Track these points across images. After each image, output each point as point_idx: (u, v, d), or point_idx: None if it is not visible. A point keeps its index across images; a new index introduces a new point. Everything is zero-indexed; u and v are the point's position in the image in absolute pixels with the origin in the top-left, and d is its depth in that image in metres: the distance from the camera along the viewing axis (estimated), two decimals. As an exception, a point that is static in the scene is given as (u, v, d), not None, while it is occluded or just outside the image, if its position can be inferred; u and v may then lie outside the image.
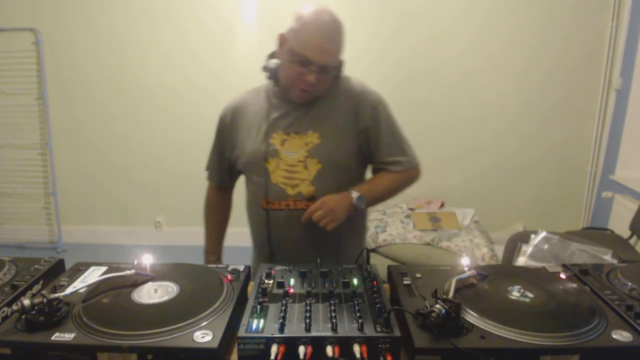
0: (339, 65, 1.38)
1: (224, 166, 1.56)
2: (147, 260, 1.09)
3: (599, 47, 3.26)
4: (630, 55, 3.10)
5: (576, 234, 2.40)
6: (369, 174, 1.54)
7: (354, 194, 1.35)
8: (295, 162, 1.38)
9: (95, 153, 3.65)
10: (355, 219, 1.47)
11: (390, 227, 3.02)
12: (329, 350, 0.82)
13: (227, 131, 1.50)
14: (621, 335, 0.86)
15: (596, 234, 2.74)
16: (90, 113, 3.57)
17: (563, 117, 3.42)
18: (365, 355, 0.81)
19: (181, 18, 3.34)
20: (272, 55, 1.41)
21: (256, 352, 0.83)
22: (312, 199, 1.37)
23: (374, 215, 3.23)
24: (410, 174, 1.49)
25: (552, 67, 3.31)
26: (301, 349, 0.82)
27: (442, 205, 3.39)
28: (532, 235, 1.84)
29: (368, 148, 1.43)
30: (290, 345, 0.83)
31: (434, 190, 3.56)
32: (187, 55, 3.40)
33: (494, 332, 0.87)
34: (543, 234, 1.82)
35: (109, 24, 3.38)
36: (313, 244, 1.40)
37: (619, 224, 2.85)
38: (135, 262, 1.09)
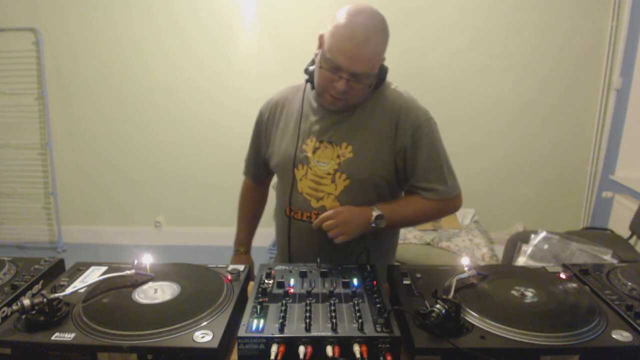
0: (375, 73, 1.24)
1: (260, 161, 1.52)
2: (147, 260, 1.09)
3: (599, 47, 3.26)
4: (630, 55, 3.09)
5: (576, 234, 2.40)
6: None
7: (375, 212, 1.24)
8: (324, 173, 1.30)
9: (95, 153, 3.65)
10: (384, 237, 1.39)
11: (390, 227, 3.01)
12: (329, 350, 0.82)
13: (264, 127, 1.44)
14: (621, 335, 0.86)
15: (596, 234, 2.74)
16: (90, 113, 3.57)
17: (563, 117, 3.42)
18: (365, 355, 0.81)
19: (181, 19, 3.34)
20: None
21: (256, 352, 0.83)
22: None
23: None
24: (447, 205, 1.34)
25: (552, 67, 3.31)
26: (301, 349, 0.82)
27: (442, 205, 3.38)
28: (532, 235, 1.84)
29: (404, 169, 1.31)
30: (290, 345, 0.83)
31: (434, 190, 3.56)
32: (187, 55, 3.40)
33: (494, 332, 0.87)
34: (543, 234, 1.82)
35: (109, 24, 3.37)
36: (335, 259, 1.21)
37: (619, 224, 2.85)
38: (135, 262, 1.09)
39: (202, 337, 0.85)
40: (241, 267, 1.15)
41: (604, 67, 3.26)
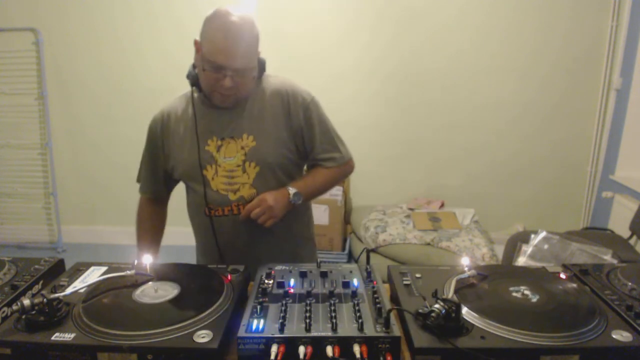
0: (255, 66, 1.34)
1: (159, 176, 1.52)
2: (147, 260, 1.09)
3: (599, 47, 3.26)
4: (630, 55, 3.10)
5: (576, 234, 2.40)
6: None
7: (291, 191, 1.37)
8: (233, 167, 1.37)
9: (95, 153, 3.64)
10: (302, 212, 1.52)
11: (390, 227, 3.02)
12: (329, 350, 0.82)
13: (159, 140, 1.46)
14: (621, 335, 0.86)
15: (596, 234, 2.74)
16: (90, 113, 3.57)
17: (563, 117, 3.42)
18: (365, 355, 0.81)
19: (181, 18, 3.34)
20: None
21: (256, 352, 0.83)
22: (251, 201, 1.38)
23: (374, 215, 3.23)
24: (344, 169, 1.52)
25: (552, 67, 3.31)
26: (301, 349, 0.82)
27: (442, 205, 3.39)
28: (532, 235, 1.84)
29: (303, 147, 1.45)
30: (290, 345, 0.83)
31: (434, 190, 3.56)
32: (187, 55, 3.37)
33: (494, 332, 0.87)
34: (543, 234, 1.82)
35: (109, 24, 3.38)
36: (262, 243, 1.42)
37: (619, 224, 2.85)
38: (135, 262, 1.09)
39: (202, 337, 0.85)
40: (241, 267, 1.15)
41: (604, 67, 3.26)
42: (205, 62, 1.27)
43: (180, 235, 1.65)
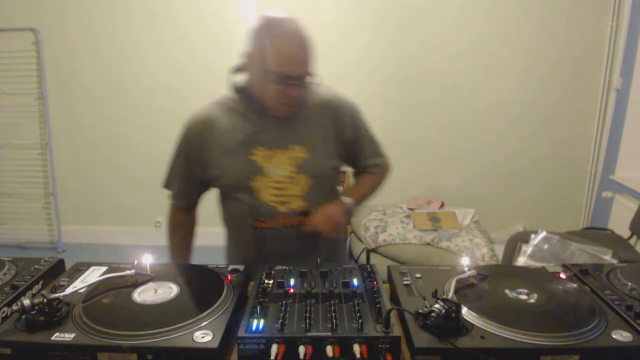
0: (313, 72, 1.30)
1: (194, 185, 1.44)
2: (147, 260, 1.09)
3: (599, 47, 3.26)
4: (630, 55, 3.10)
5: (576, 234, 2.40)
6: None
7: (348, 201, 1.39)
8: (282, 178, 1.32)
9: (95, 153, 3.64)
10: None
11: (390, 227, 3.01)
12: (329, 350, 0.82)
13: (198, 150, 1.36)
14: (621, 335, 0.86)
15: (596, 234, 2.74)
16: (90, 113, 3.57)
17: (563, 117, 3.42)
18: (365, 355, 0.81)
19: (181, 18, 3.34)
20: (237, 69, 1.34)
21: (256, 352, 0.83)
22: (303, 213, 1.35)
23: (374, 215, 3.23)
24: (386, 171, 1.56)
25: (552, 67, 3.31)
26: (301, 349, 0.82)
27: (442, 205, 3.39)
28: (532, 235, 1.84)
29: (350, 156, 1.45)
30: (290, 345, 0.83)
31: (434, 190, 3.56)
32: (187, 55, 3.40)
33: (494, 332, 0.87)
34: (543, 234, 1.82)
35: (109, 24, 3.37)
36: (309, 251, 1.36)
37: (619, 224, 2.85)
38: (135, 262, 1.09)
39: (202, 337, 0.85)
40: (241, 267, 1.15)
41: (604, 67, 3.27)
42: (269, 74, 1.20)
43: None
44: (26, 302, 0.86)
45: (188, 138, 1.38)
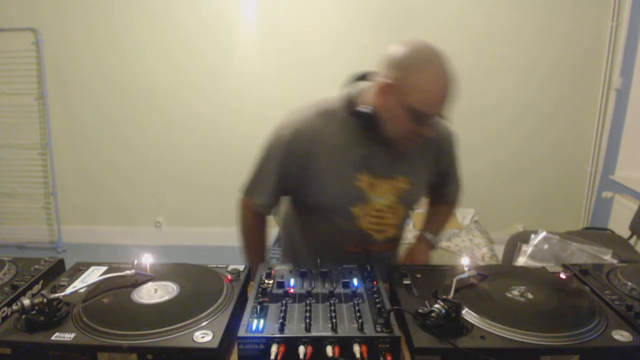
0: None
1: (280, 195, 1.36)
2: (147, 260, 1.09)
3: (599, 47, 3.25)
4: (630, 55, 3.09)
5: (576, 234, 2.40)
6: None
7: (430, 238, 1.47)
8: (383, 207, 1.29)
9: (95, 153, 3.64)
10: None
11: (390, 227, 3.01)
12: (329, 350, 0.82)
13: (297, 162, 1.25)
14: (621, 335, 0.86)
15: (596, 234, 2.74)
16: (90, 113, 3.56)
17: (563, 117, 3.42)
18: (365, 355, 0.81)
19: (181, 18, 3.34)
20: (358, 78, 1.29)
21: (256, 352, 0.83)
22: (393, 240, 1.40)
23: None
24: (458, 200, 1.56)
25: (552, 67, 3.31)
26: (301, 349, 0.82)
27: (442, 205, 3.38)
28: (532, 235, 1.84)
29: (437, 184, 1.44)
30: (290, 345, 0.83)
31: (434, 190, 3.56)
32: (187, 55, 3.40)
33: (494, 332, 0.87)
34: (543, 234, 1.82)
35: (109, 24, 3.37)
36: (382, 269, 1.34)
37: (619, 224, 2.85)
38: (135, 262, 1.09)
39: (202, 337, 0.85)
40: (241, 267, 1.15)
41: (604, 67, 3.26)
42: (409, 111, 1.11)
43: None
44: (26, 302, 0.86)
45: (291, 149, 1.24)
